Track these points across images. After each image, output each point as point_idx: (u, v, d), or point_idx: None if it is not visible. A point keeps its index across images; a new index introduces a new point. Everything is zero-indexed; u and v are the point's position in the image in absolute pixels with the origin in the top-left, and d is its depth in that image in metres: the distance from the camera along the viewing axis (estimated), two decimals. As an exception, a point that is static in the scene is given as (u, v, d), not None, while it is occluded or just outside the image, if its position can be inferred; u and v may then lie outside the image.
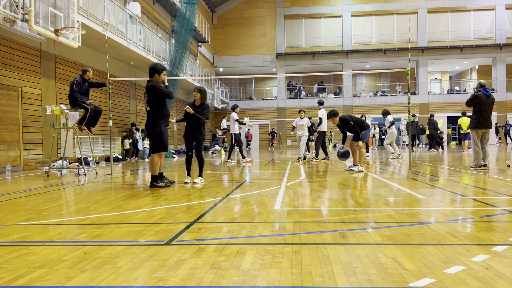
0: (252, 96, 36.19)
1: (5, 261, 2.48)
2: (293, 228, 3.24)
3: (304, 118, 12.12)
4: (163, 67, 6.14)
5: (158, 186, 6.12)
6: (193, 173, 7.61)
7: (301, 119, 12.15)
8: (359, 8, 32.76)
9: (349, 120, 8.58)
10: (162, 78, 6.11)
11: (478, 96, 8.36)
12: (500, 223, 3.36)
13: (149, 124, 6.10)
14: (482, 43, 31.64)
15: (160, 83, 6.12)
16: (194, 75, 23.23)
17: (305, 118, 12.16)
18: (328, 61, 32.86)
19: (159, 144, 6.11)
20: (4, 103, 10.31)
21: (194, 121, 6.67)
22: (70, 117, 8.92)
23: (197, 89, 6.79)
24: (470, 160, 11.45)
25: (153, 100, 6.03)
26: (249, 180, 7.26)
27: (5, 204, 4.89)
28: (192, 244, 2.79)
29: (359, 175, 7.70)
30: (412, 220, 3.46)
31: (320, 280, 2.05)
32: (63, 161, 10.05)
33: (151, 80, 6.09)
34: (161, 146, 6.13)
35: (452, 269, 2.17)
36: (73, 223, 3.67)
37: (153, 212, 4.07)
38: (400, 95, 32.54)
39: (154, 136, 6.08)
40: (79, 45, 10.31)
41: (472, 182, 6.38)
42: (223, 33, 33.69)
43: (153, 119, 6.05)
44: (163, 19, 21.94)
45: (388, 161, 12.27)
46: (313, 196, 5.08)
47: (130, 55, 15.58)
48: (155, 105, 6.05)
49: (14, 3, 8.16)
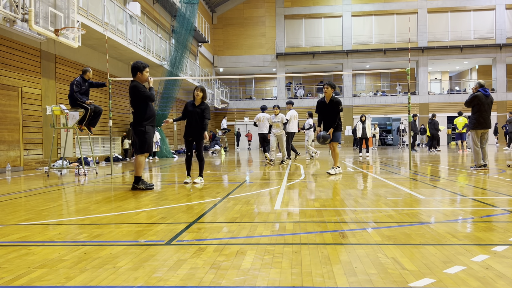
0: (252, 96, 36.19)
1: (5, 261, 2.48)
2: (293, 228, 3.24)
3: (279, 114, 10.98)
4: (144, 64, 5.94)
5: (139, 188, 5.91)
6: (193, 173, 7.61)
7: (275, 116, 11.02)
8: (359, 8, 32.76)
9: (340, 104, 7.78)
10: (145, 76, 5.93)
11: (478, 97, 8.35)
12: (500, 223, 3.36)
13: (134, 124, 5.97)
14: (482, 43, 31.64)
15: (144, 81, 5.96)
16: (194, 75, 23.22)
17: (280, 114, 11.02)
18: (328, 61, 32.86)
19: (143, 145, 5.95)
20: (4, 103, 10.30)
21: (196, 121, 6.62)
22: (70, 117, 8.92)
23: (200, 89, 6.66)
24: (469, 160, 11.46)
25: (135, 101, 5.89)
26: (249, 180, 7.26)
27: (5, 204, 4.89)
28: (192, 244, 2.79)
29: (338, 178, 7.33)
30: (412, 220, 3.46)
31: (320, 280, 2.05)
32: (63, 161, 10.05)
33: (134, 80, 5.92)
34: (146, 146, 5.98)
35: (452, 269, 2.17)
36: (73, 223, 3.67)
37: (153, 212, 4.07)
38: (400, 95, 32.53)
39: (139, 136, 5.94)
40: (79, 45, 10.31)
41: (472, 182, 6.38)
42: (223, 33, 33.69)
43: (137, 120, 5.91)
44: (163, 19, 21.93)
45: (307, 159, 12.61)
46: (313, 196, 5.08)
47: (130, 55, 15.58)
48: (138, 106, 5.90)
49: (14, 3, 8.16)
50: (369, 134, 15.98)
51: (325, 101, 7.91)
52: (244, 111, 32.59)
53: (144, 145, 5.96)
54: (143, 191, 5.78)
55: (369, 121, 16.95)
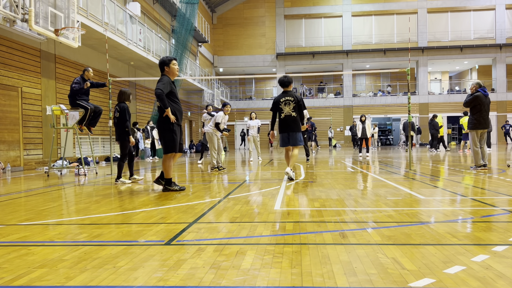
0: (252, 96, 36.19)
1: (5, 261, 2.48)
2: (293, 228, 3.24)
3: (256, 119, 13.15)
4: (169, 58, 5.71)
5: (172, 189, 5.67)
6: (194, 172, 7.58)
7: (252, 120, 13.10)
8: (359, 8, 32.76)
9: (301, 100, 7.03)
10: (173, 68, 5.66)
11: (479, 97, 8.34)
12: (500, 223, 3.36)
13: (159, 122, 5.65)
14: (482, 43, 31.64)
15: (173, 74, 5.71)
16: (194, 75, 23.22)
17: (257, 119, 13.20)
18: (328, 61, 32.86)
19: (171, 144, 5.63)
20: (4, 103, 10.30)
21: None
22: (70, 117, 8.93)
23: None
24: (470, 160, 11.46)
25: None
26: (249, 180, 7.26)
27: (5, 204, 4.89)
28: (192, 244, 2.79)
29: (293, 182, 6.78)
30: (412, 220, 3.46)
31: (320, 280, 2.05)
32: (63, 161, 10.05)
33: (163, 74, 5.69)
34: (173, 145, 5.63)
35: (452, 269, 2.17)
36: (73, 223, 3.67)
37: (153, 212, 4.07)
38: (400, 95, 32.53)
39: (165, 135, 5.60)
40: (79, 45, 10.31)
41: (472, 182, 6.38)
42: (223, 33, 33.69)
43: (163, 118, 5.59)
44: (163, 19, 21.93)
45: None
46: (313, 196, 5.08)
47: (130, 55, 15.58)
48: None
49: (14, 3, 8.16)
50: (369, 134, 16.00)
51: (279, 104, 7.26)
52: (244, 111, 32.59)
53: (172, 144, 5.62)
54: (144, 191, 5.77)
55: (369, 121, 16.95)
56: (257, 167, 10.77)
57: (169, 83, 5.58)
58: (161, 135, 5.65)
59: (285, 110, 6.96)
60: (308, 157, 12.50)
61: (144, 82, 19.35)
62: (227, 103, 9.88)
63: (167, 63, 5.65)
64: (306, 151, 12.57)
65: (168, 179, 5.69)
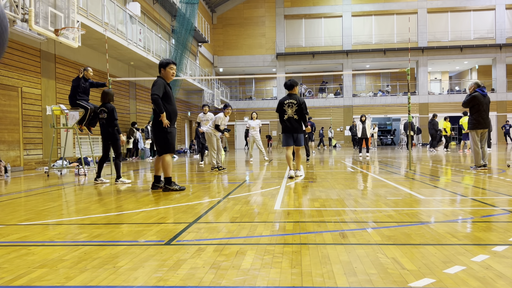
0: (252, 96, 36.19)
1: (5, 261, 2.48)
2: (293, 228, 3.24)
3: (257, 120, 13.09)
4: (167, 60, 5.77)
5: (172, 189, 5.71)
6: (196, 172, 7.58)
7: (253, 121, 12.98)
8: (359, 8, 32.76)
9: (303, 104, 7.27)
10: (168, 72, 5.74)
11: (477, 97, 8.35)
12: (500, 223, 3.36)
13: (154, 125, 5.76)
14: (482, 43, 31.64)
15: (167, 78, 5.77)
16: (194, 75, 23.22)
17: (257, 120, 13.13)
18: (328, 61, 32.86)
19: (167, 146, 5.72)
20: (4, 103, 10.30)
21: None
22: (70, 117, 8.93)
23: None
24: (469, 160, 11.46)
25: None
26: (249, 180, 7.26)
27: (5, 204, 4.89)
28: (192, 244, 2.79)
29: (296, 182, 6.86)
30: (412, 220, 3.46)
31: (320, 280, 2.05)
32: (63, 161, 10.05)
33: (159, 76, 5.77)
34: (170, 147, 5.74)
35: (452, 269, 2.17)
36: (73, 223, 3.67)
37: (153, 212, 4.07)
38: (400, 95, 32.53)
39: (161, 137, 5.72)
40: (79, 45, 10.31)
41: (472, 182, 6.38)
42: (223, 33, 33.69)
43: (157, 120, 5.69)
44: (163, 19, 21.93)
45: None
46: (313, 196, 5.08)
47: (130, 55, 15.57)
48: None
49: (14, 3, 8.16)
50: (369, 134, 16.01)
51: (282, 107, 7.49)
52: (244, 111, 32.59)
53: (168, 146, 5.72)
54: (144, 191, 5.77)
55: (369, 121, 16.95)
56: (258, 167, 10.77)
57: (163, 85, 5.66)
58: (157, 137, 5.75)
59: (288, 112, 7.28)
60: (308, 157, 12.54)
61: (144, 82, 19.35)
62: (229, 105, 9.88)
63: (164, 65, 5.76)
64: (307, 151, 12.63)
65: (168, 178, 5.72)
